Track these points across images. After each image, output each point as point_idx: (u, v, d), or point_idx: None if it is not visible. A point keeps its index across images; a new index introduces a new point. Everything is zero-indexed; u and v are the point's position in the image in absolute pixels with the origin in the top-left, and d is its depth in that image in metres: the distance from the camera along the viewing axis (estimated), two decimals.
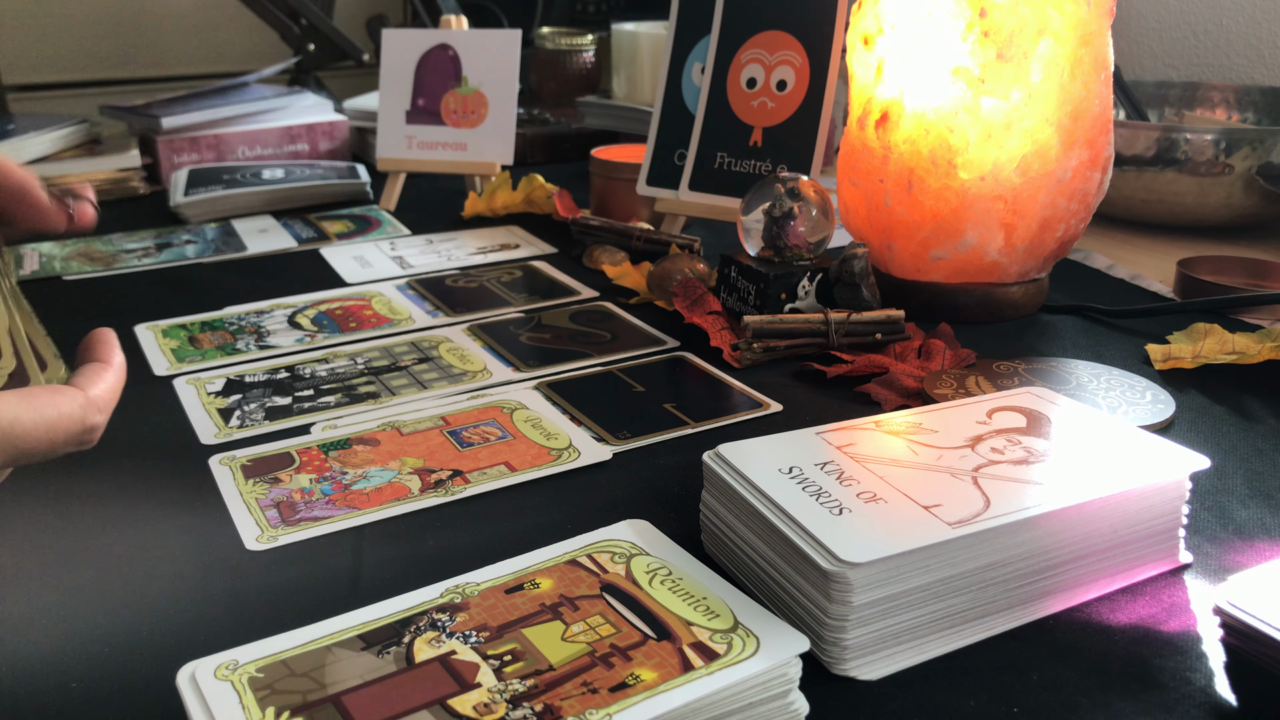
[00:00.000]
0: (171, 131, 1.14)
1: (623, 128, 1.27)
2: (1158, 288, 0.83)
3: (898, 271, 0.76)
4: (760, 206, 0.73)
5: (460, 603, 0.40)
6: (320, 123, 1.23)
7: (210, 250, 0.93)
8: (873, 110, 0.74)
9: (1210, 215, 0.96)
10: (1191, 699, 0.37)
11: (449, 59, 1.06)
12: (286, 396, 0.63)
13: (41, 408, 0.36)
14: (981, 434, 0.47)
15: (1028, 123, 0.69)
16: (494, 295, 0.82)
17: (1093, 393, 0.61)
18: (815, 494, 0.41)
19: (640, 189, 0.94)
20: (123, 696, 0.38)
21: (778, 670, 0.35)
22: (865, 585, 0.37)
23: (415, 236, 0.98)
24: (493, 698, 0.34)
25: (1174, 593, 0.44)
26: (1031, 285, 0.76)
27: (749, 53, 0.88)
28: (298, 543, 0.48)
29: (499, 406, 0.61)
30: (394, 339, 0.72)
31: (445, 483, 0.53)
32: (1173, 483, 0.44)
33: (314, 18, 1.46)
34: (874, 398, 0.62)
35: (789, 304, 0.72)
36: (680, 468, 0.54)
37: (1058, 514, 0.41)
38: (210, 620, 0.42)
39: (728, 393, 0.64)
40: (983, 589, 0.40)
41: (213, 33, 1.88)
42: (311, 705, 0.34)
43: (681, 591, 0.40)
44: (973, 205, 0.71)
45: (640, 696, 0.34)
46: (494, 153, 1.05)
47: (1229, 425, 0.59)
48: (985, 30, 0.68)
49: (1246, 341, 0.67)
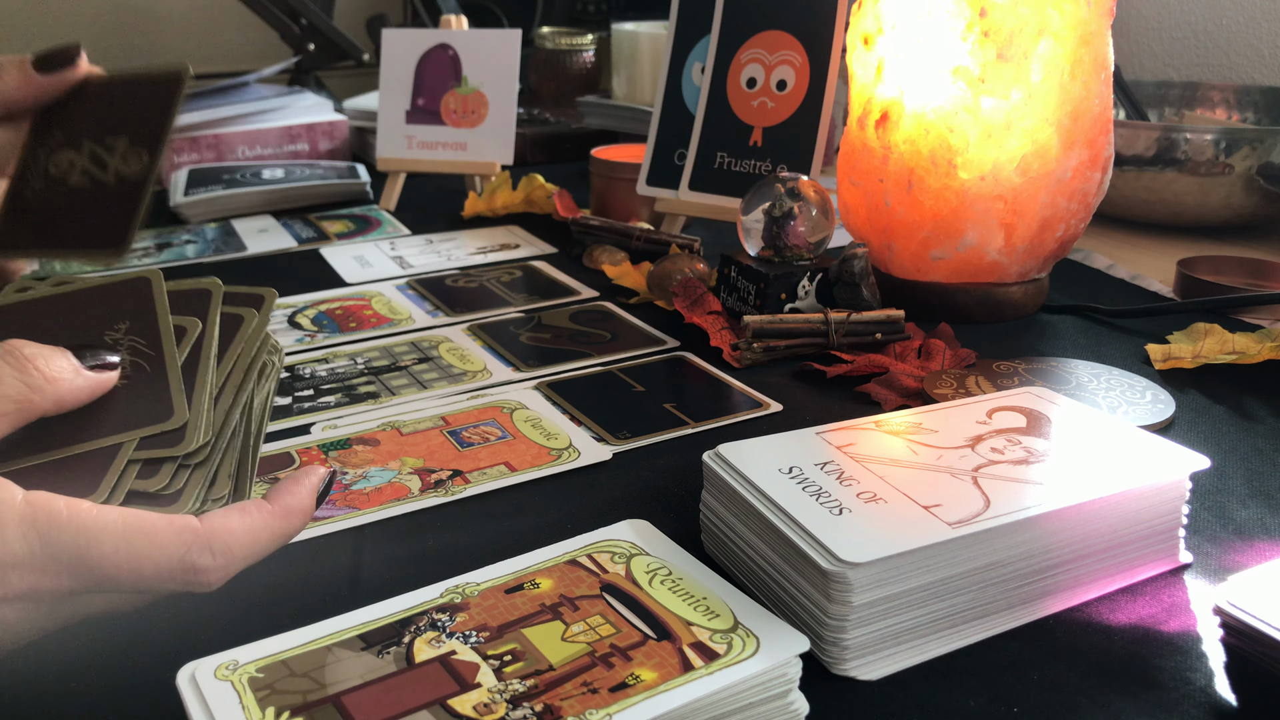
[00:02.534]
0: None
1: (623, 128, 1.27)
2: (1158, 288, 0.83)
3: (898, 271, 0.76)
4: (760, 206, 0.73)
5: (460, 603, 0.40)
6: (320, 123, 1.23)
7: (210, 250, 0.93)
8: (873, 110, 0.74)
9: (1210, 215, 0.96)
10: (1191, 699, 0.37)
11: (449, 59, 1.06)
12: (286, 396, 0.63)
13: (133, 534, 0.32)
14: (981, 434, 0.47)
15: (1028, 123, 0.69)
16: (494, 295, 0.82)
17: (1093, 393, 0.61)
18: (815, 494, 0.41)
19: (640, 189, 0.94)
20: (123, 696, 0.38)
21: (778, 670, 0.35)
22: (865, 585, 0.37)
23: (415, 236, 0.98)
24: (493, 698, 0.34)
25: (1174, 593, 0.44)
26: (1031, 285, 0.76)
27: (749, 52, 0.88)
28: (298, 543, 0.47)
29: (499, 406, 0.61)
30: (394, 339, 0.72)
31: (445, 483, 0.53)
32: (1173, 483, 0.44)
33: (314, 17, 1.45)
34: (874, 398, 0.62)
35: (789, 304, 0.72)
36: (680, 468, 0.54)
37: (1058, 514, 0.41)
38: (210, 620, 0.42)
39: (728, 393, 0.64)
40: (983, 589, 0.40)
41: (213, 33, 1.87)
42: (311, 705, 0.34)
43: (681, 591, 0.40)
44: (973, 205, 0.71)
45: (640, 696, 0.34)
46: (494, 153, 1.05)
47: (1229, 425, 0.59)
48: (985, 30, 0.68)
49: (1246, 341, 0.67)
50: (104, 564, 0.32)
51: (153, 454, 0.37)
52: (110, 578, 0.32)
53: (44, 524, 0.32)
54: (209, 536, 0.34)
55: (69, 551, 0.32)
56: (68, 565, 0.32)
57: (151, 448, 0.37)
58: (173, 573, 0.33)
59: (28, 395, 0.35)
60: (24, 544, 0.31)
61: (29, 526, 0.32)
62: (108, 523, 0.32)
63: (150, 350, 0.39)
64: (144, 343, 0.39)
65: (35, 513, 0.32)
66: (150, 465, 0.36)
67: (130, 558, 0.32)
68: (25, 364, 0.35)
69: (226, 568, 0.34)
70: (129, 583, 0.33)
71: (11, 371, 0.35)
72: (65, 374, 0.36)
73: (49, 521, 0.32)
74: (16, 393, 0.35)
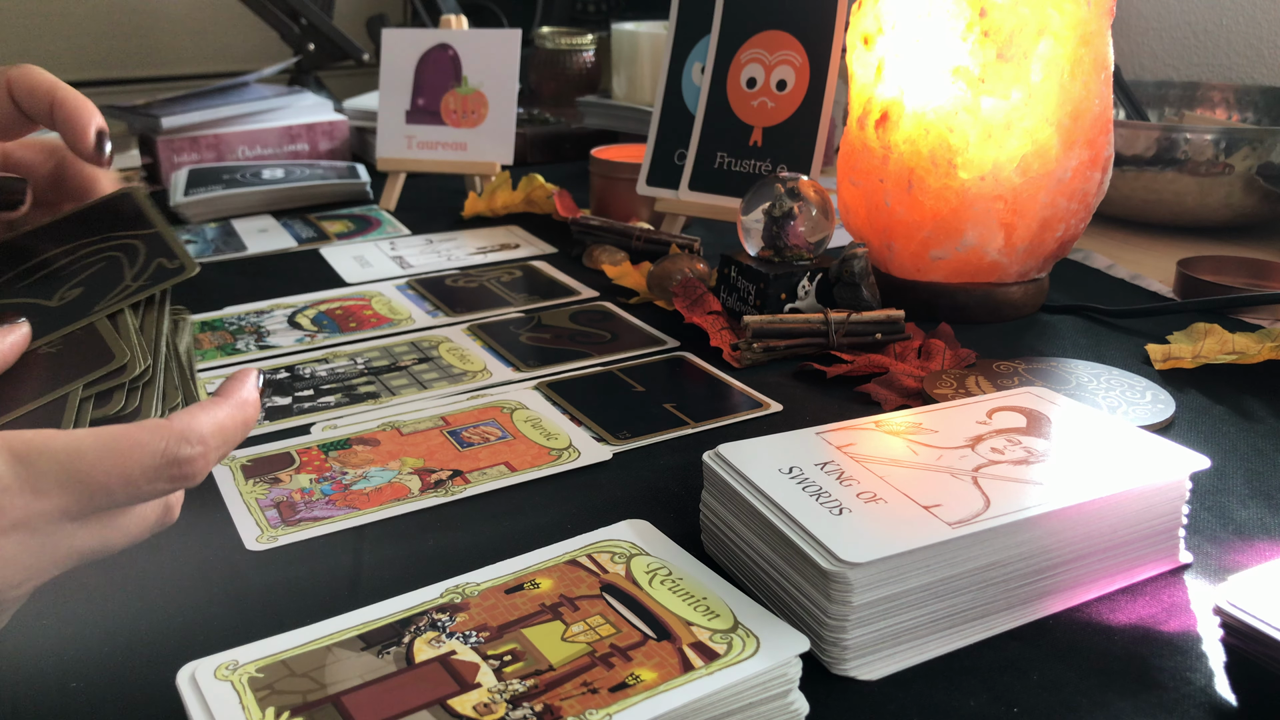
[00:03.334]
0: (171, 131, 1.14)
1: (623, 128, 1.27)
2: (1158, 288, 0.83)
3: (898, 271, 0.76)
4: (760, 206, 0.73)
5: (460, 603, 0.40)
6: (320, 122, 1.23)
7: (210, 250, 0.93)
8: (873, 110, 0.74)
9: (1210, 215, 0.96)
10: (1191, 699, 0.37)
11: (449, 59, 1.06)
12: (286, 396, 0.63)
13: (109, 440, 0.33)
14: (981, 434, 0.47)
15: (1028, 122, 0.69)
16: (494, 295, 0.82)
17: (1093, 393, 0.61)
18: (815, 494, 0.41)
19: (640, 189, 0.94)
20: (123, 696, 0.38)
21: (778, 670, 0.35)
22: (865, 585, 0.37)
23: (415, 236, 0.98)
24: (493, 698, 0.34)
25: (1174, 593, 0.44)
26: (1031, 285, 0.76)
27: (749, 52, 0.88)
28: (298, 543, 0.48)
29: (499, 406, 0.61)
30: (394, 339, 0.72)
31: (445, 483, 0.53)
32: (1173, 483, 0.44)
33: (314, 17, 1.46)
34: (874, 398, 0.62)
35: (789, 304, 0.72)
36: (680, 468, 0.54)
37: (1058, 514, 0.41)
38: (210, 620, 0.42)
39: (728, 393, 0.64)
40: (983, 589, 0.40)
41: (213, 33, 1.88)
42: (311, 705, 0.34)
43: (681, 591, 0.40)
44: (973, 205, 0.71)
45: (640, 696, 0.34)
46: (494, 152, 1.05)
47: (1229, 425, 0.59)
48: (985, 30, 0.68)
49: (1246, 341, 0.67)
50: (92, 472, 0.32)
51: (102, 387, 0.37)
52: (101, 486, 0.32)
53: (21, 449, 0.32)
54: (182, 430, 0.34)
55: (54, 468, 0.32)
56: (56, 481, 0.32)
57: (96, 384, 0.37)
58: (159, 469, 0.33)
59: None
60: (8, 468, 0.31)
61: (7, 453, 0.31)
62: (84, 437, 0.33)
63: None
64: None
65: (10, 441, 0.32)
66: (103, 396, 0.37)
67: (116, 462, 0.32)
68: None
69: (206, 455, 0.35)
70: (120, 489, 0.33)
71: None
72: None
73: (26, 446, 0.32)
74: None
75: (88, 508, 0.33)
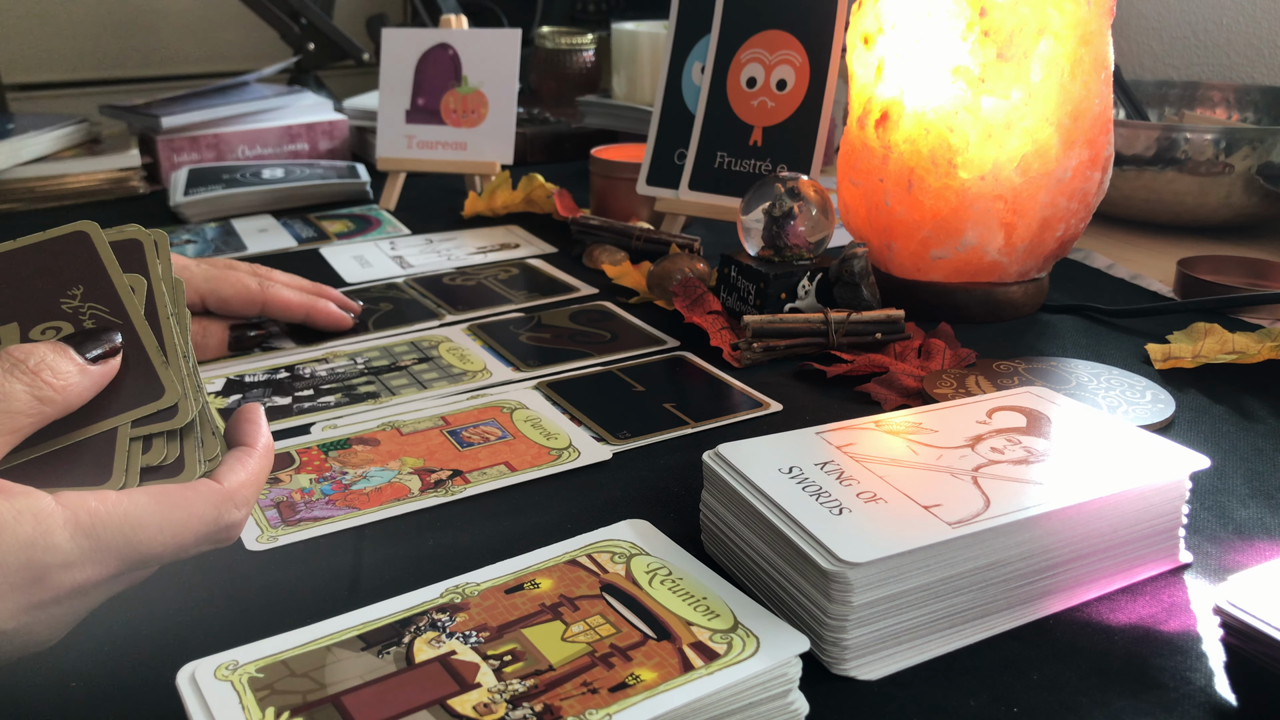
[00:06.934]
0: (171, 131, 1.14)
1: (623, 127, 1.27)
2: (1158, 287, 0.83)
3: (898, 271, 0.76)
4: (760, 206, 0.73)
5: (460, 603, 0.40)
6: (320, 122, 1.23)
7: (210, 250, 0.93)
8: (873, 110, 0.74)
9: (1210, 215, 0.96)
10: (1191, 699, 0.37)
11: (449, 58, 1.06)
12: (286, 396, 0.63)
13: (169, 510, 0.35)
14: (981, 434, 0.47)
15: (1028, 122, 0.69)
16: (492, 293, 0.81)
17: (1093, 392, 0.61)
18: (815, 494, 0.41)
19: (640, 188, 0.94)
20: (123, 696, 0.38)
21: (778, 670, 0.35)
22: (865, 585, 0.37)
23: (415, 236, 0.98)
24: (493, 698, 0.34)
25: (1174, 593, 0.44)
26: (1031, 285, 0.76)
27: (749, 52, 0.88)
28: (298, 543, 0.48)
29: (499, 406, 0.61)
30: (394, 339, 0.72)
31: (445, 483, 0.53)
32: (1173, 482, 0.44)
33: (314, 17, 1.46)
34: (874, 397, 0.62)
35: (789, 304, 0.72)
36: (680, 468, 0.54)
37: (1057, 514, 0.41)
38: (210, 620, 0.42)
39: (728, 392, 0.64)
40: (983, 589, 0.40)
41: (213, 33, 1.88)
42: (311, 705, 0.34)
43: (681, 591, 0.40)
44: (973, 205, 0.71)
45: (640, 696, 0.34)
46: (494, 152, 1.05)
47: (1229, 425, 0.59)
48: (985, 30, 0.68)
49: (1246, 341, 0.67)
50: (150, 544, 0.34)
51: (147, 430, 0.38)
52: (156, 555, 0.35)
53: (87, 523, 0.33)
54: (231, 494, 0.36)
55: (117, 541, 0.34)
56: (117, 554, 0.34)
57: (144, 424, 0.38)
58: (210, 535, 0.36)
59: (39, 408, 0.35)
60: (74, 545, 0.33)
61: (74, 528, 0.33)
62: (142, 506, 0.34)
63: (114, 317, 0.39)
64: (105, 309, 0.39)
65: (75, 514, 0.33)
66: (145, 441, 0.38)
67: (174, 534, 0.35)
68: (33, 376, 0.35)
69: (248, 514, 0.38)
70: (171, 555, 0.35)
71: (22, 387, 0.35)
72: (72, 378, 0.36)
73: (91, 520, 0.33)
74: (29, 407, 0.35)
75: (138, 569, 0.35)
